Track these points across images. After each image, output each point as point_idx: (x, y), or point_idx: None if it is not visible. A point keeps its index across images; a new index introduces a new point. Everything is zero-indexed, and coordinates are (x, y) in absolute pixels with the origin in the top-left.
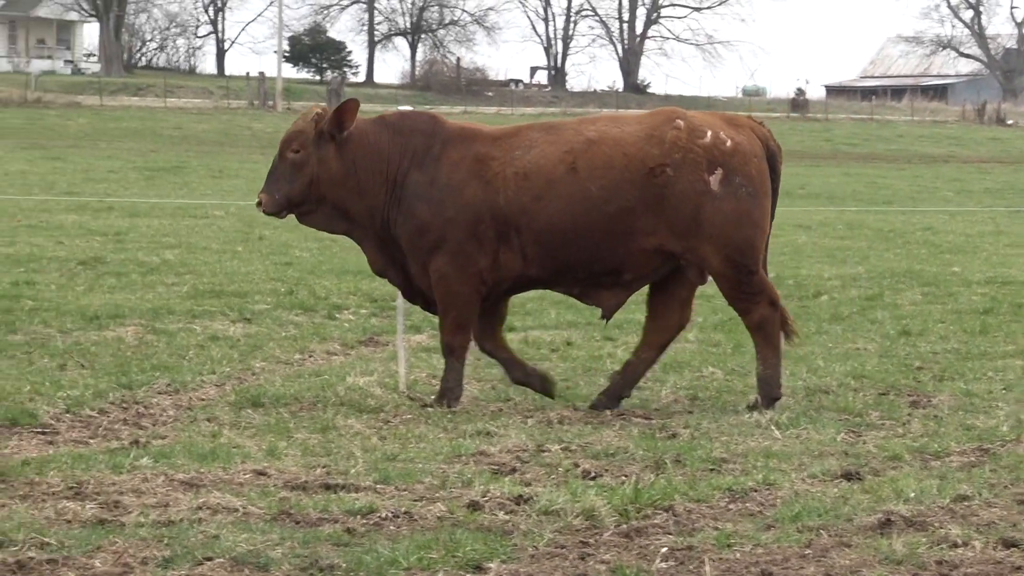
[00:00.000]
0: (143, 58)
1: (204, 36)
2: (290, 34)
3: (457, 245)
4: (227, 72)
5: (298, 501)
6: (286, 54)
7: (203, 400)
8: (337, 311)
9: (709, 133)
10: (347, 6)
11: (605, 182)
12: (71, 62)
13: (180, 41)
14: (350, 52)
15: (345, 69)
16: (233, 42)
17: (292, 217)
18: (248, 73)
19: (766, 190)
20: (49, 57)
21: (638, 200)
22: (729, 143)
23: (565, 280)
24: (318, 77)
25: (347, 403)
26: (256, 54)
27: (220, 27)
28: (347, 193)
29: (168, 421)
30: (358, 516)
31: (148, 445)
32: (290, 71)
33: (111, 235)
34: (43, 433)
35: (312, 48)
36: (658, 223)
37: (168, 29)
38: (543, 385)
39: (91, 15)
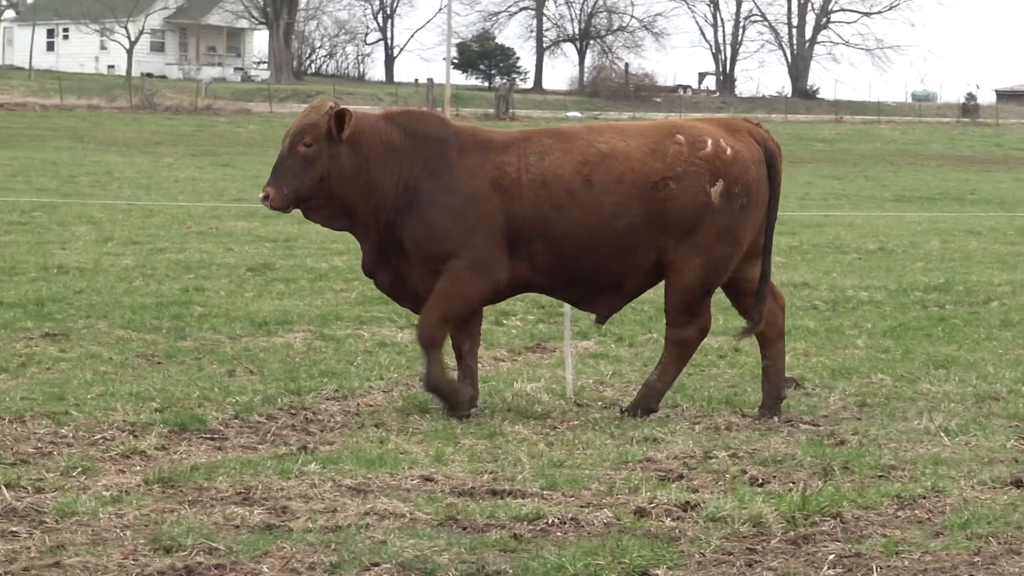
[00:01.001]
0: (312, 65)
1: (373, 43)
2: (459, 40)
3: (479, 253)
4: (396, 79)
5: (465, 507)
6: (455, 60)
7: (371, 406)
8: (504, 317)
9: (710, 143)
10: (516, 12)
11: (616, 198)
12: (241, 69)
13: (349, 48)
14: (518, 58)
15: (513, 75)
16: (402, 49)
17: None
18: (417, 80)
19: (761, 199)
20: (219, 64)
21: (643, 217)
22: (729, 151)
23: (568, 289)
24: (486, 83)
25: (514, 409)
26: (425, 61)
27: (389, 34)
28: (356, 191)
29: (336, 427)
30: (525, 522)
31: (316, 451)
32: (459, 78)
33: (280, 241)
34: (212, 439)
35: (480, 54)
36: (660, 237)
37: (337, 36)
38: (459, 404)
39: (261, 23)
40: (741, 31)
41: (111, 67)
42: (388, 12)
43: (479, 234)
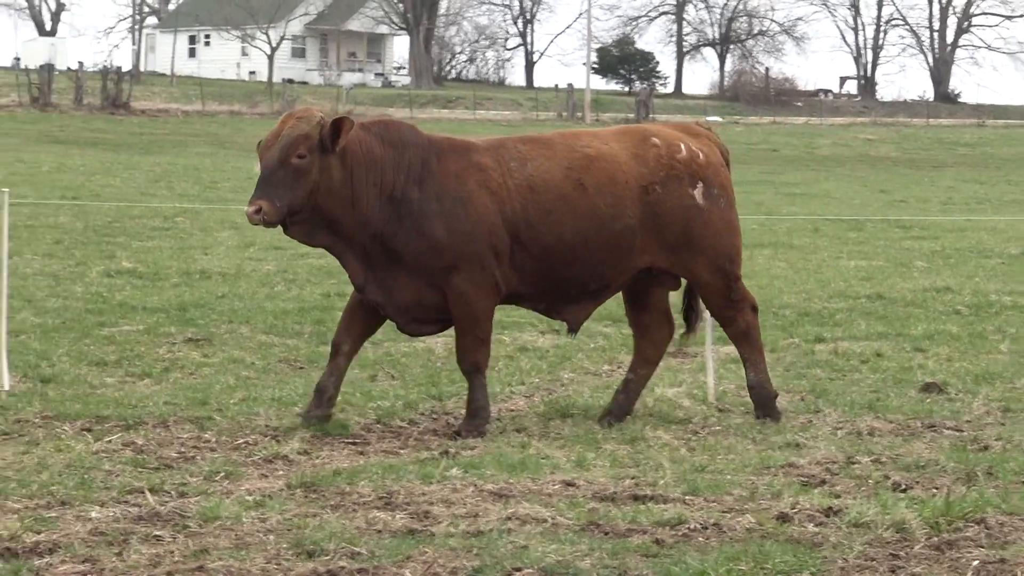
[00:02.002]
0: (452, 70)
1: (513, 48)
2: (599, 45)
3: (477, 260)
4: (536, 84)
5: (607, 512)
6: (594, 65)
7: (512, 411)
8: None
9: (683, 147)
10: (655, 17)
11: (612, 199)
12: (382, 75)
13: (489, 53)
14: (658, 63)
15: (653, 80)
16: (542, 54)
17: None
18: (557, 85)
19: (734, 197)
20: (360, 70)
21: (637, 218)
22: (701, 156)
23: (548, 296)
24: (626, 88)
25: (656, 414)
26: (565, 66)
27: (529, 39)
28: (340, 203)
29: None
30: (667, 527)
31: (458, 456)
32: (598, 82)
33: None
34: (354, 443)
35: (620, 59)
36: (651, 241)
37: (478, 41)
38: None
39: (402, 28)
40: (882, 35)
41: (252, 73)
42: (528, 17)
43: (474, 239)
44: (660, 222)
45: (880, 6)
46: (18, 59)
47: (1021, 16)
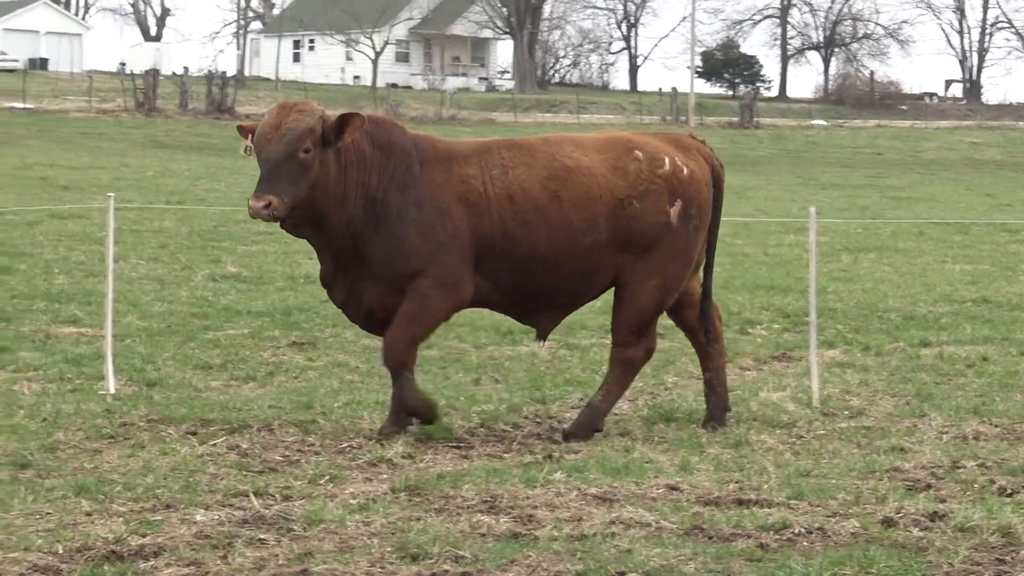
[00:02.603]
0: (556, 74)
1: (617, 52)
2: (703, 49)
3: (445, 268)
4: (640, 88)
5: (711, 516)
6: (698, 69)
7: (615, 415)
8: (750, 326)
9: (667, 162)
10: (759, 21)
11: (584, 214)
12: (485, 79)
13: (593, 57)
14: (762, 66)
15: (757, 84)
16: (646, 58)
17: None
18: (660, 89)
19: (708, 220)
20: (464, 74)
21: (608, 234)
22: (685, 171)
23: (520, 305)
24: (730, 92)
25: (760, 418)
26: (668, 69)
27: (633, 43)
28: (330, 200)
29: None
30: (771, 531)
31: (561, 459)
32: (702, 86)
33: None
34: (458, 447)
35: (724, 63)
36: (619, 256)
37: (581, 46)
38: (437, 417)
39: (505, 32)
40: (988, 38)
41: (356, 78)
42: (632, 21)
43: (448, 251)
44: (633, 237)
45: (985, 9)
46: (124, 64)
47: None
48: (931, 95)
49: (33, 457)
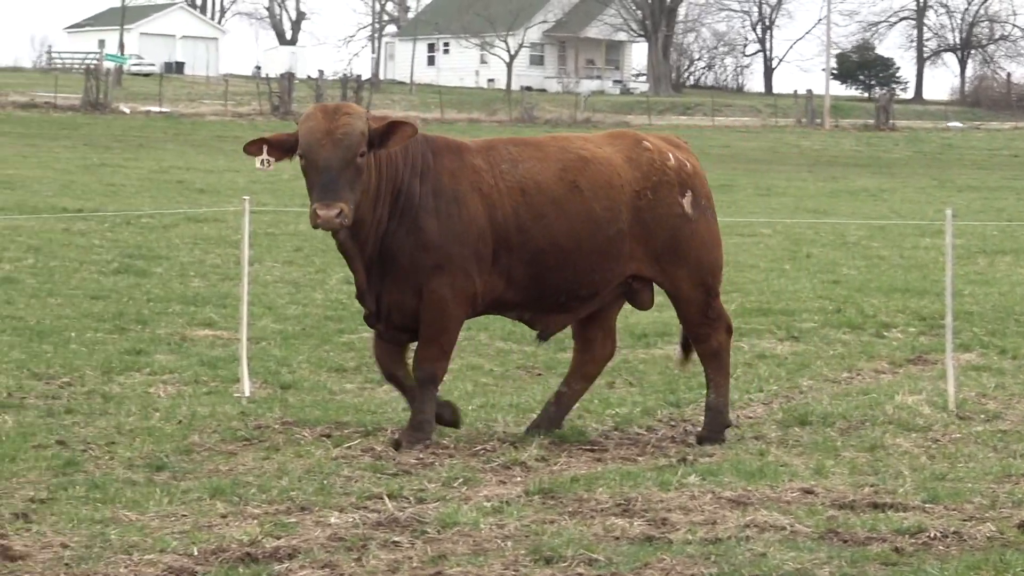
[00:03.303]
0: (691, 77)
1: (752, 55)
2: (838, 51)
3: (460, 264)
4: (774, 90)
5: (845, 520)
6: (834, 71)
7: (751, 418)
8: (885, 329)
9: (671, 156)
10: (895, 23)
11: (608, 202)
12: (620, 82)
13: (728, 60)
14: (898, 68)
15: (893, 86)
16: (781, 60)
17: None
18: (796, 91)
19: (715, 211)
20: (598, 77)
21: (629, 223)
22: (688, 166)
23: (538, 305)
24: (865, 94)
25: (895, 422)
26: (803, 72)
27: (768, 45)
28: (369, 202)
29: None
30: (906, 535)
31: (695, 463)
32: (838, 88)
33: None
34: (592, 450)
35: (860, 65)
36: (639, 248)
37: (716, 48)
38: (452, 417)
39: (640, 35)
40: None
41: (491, 81)
42: (767, 23)
43: (463, 242)
44: (649, 229)
45: None
46: (259, 68)
47: None
48: None
49: (168, 459)
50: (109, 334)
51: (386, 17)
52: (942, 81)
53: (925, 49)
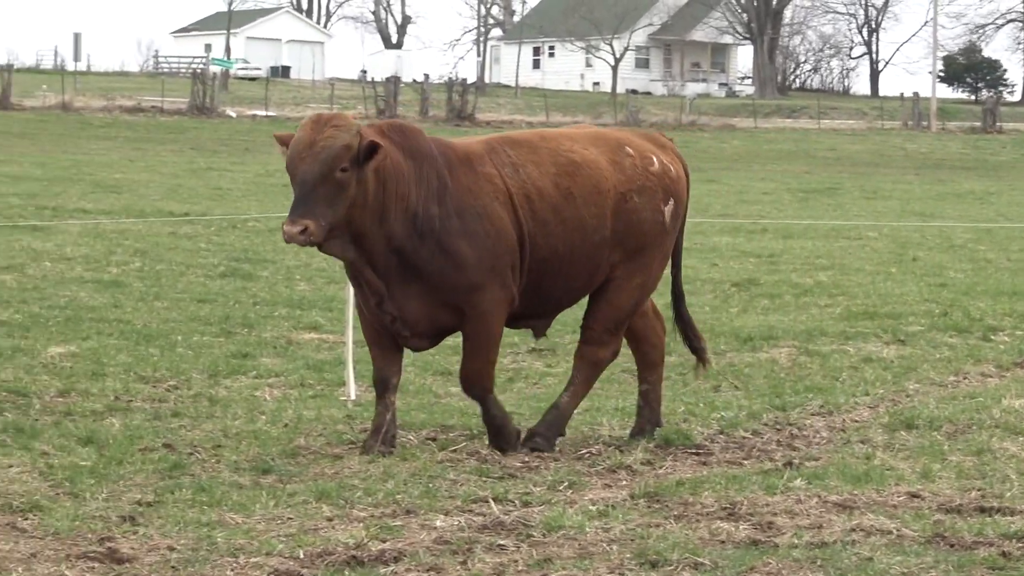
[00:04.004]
0: (796, 80)
1: (858, 57)
2: (944, 54)
3: (500, 277)
4: (880, 93)
5: (952, 524)
6: (940, 74)
7: (856, 422)
8: (992, 332)
9: (655, 160)
10: (1002, 25)
11: (596, 210)
12: (725, 85)
13: (834, 62)
14: (1005, 71)
15: (1000, 88)
16: (887, 63)
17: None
18: (902, 94)
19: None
20: (704, 80)
21: (612, 230)
22: (672, 170)
23: (531, 311)
24: (972, 97)
25: (1002, 425)
26: (910, 74)
27: (874, 48)
28: (369, 217)
29: (821, 442)
30: (1014, 539)
31: (801, 466)
32: (944, 91)
33: (764, 257)
34: (697, 454)
35: (967, 67)
36: (615, 253)
37: (822, 51)
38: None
39: (745, 38)
40: None
41: (596, 84)
42: (873, 26)
43: (496, 255)
44: (624, 234)
45: None
46: (364, 72)
47: None
48: None
49: (274, 462)
50: (215, 337)
51: (491, 20)
52: None
53: None
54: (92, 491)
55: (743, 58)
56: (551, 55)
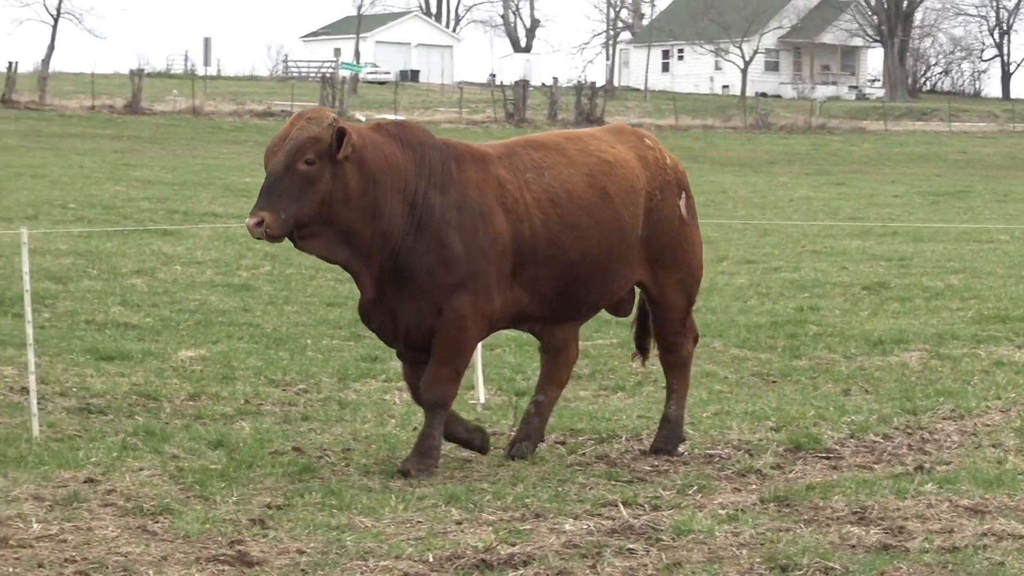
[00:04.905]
0: (927, 82)
1: (989, 59)
2: None
3: (483, 282)
4: (1012, 95)
5: None
6: None
7: (988, 426)
8: None
9: (666, 154)
10: None
11: (633, 208)
12: (855, 87)
13: (965, 65)
14: None
15: None
16: (1019, 65)
17: None
18: None
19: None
20: (833, 83)
21: (646, 229)
22: (680, 164)
23: (559, 316)
24: None
25: None
26: None
27: (1005, 50)
28: (360, 214)
29: (952, 447)
30: None
31: (932, 471)
32: None
33: (895, 260)
34: (827, 458)
35: None
36: (644, 252)
37: (952, 53)
38: (482, 443)
39: (875, 40)
40: None
41: (725, 87)
42: (1004, 28)
43: (487, 259)
44: (654, 232)
45: None
46: (493, 76)
47: None
48: None
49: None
50: (345, 341)
51: (620, 24)
52: None
53: None
54: (222, 494)
55: (873, 61)
56: (680, 58)
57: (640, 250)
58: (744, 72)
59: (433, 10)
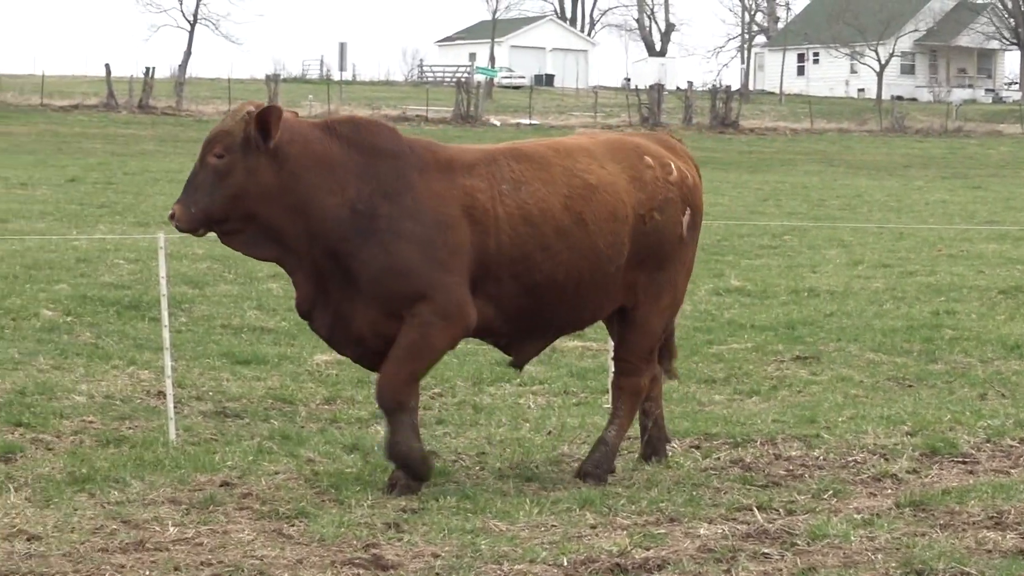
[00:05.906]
0: None
1: None
2: None
3: (451, 294)
4: None
5: None
6: None
7: None
8: None
9: (673, 167)
10: None
11: (612, 239)
12: (992, 91)
13: None
14: None
15: None
16: None
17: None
18: None
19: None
20: (970, 86)
21: (630, 255)
22: (689, 178)
23: (526, 335)
24: None
25: None
26: None
27: None
28: (283, 212)
29: None
30: None
31: None
32: None
33: None
34: (963, 462)
35: None
36: (633, 274)
37: None
38: (427, 475)
39: (1012, 43)
40: None
41: (861, 91)
42: None
43: (451, 270)
44: (644, 254)
45: None
46: (628, 79)
47: None
48: None
49: (538, 469)
50: (479, 345)
51: (755, 27)
52: None
53: None
54: (357, 498)
55: (1010, 64)
56: (815, 61)
57: (626, 273)
58: (880, 75)
59: (568, 14)
